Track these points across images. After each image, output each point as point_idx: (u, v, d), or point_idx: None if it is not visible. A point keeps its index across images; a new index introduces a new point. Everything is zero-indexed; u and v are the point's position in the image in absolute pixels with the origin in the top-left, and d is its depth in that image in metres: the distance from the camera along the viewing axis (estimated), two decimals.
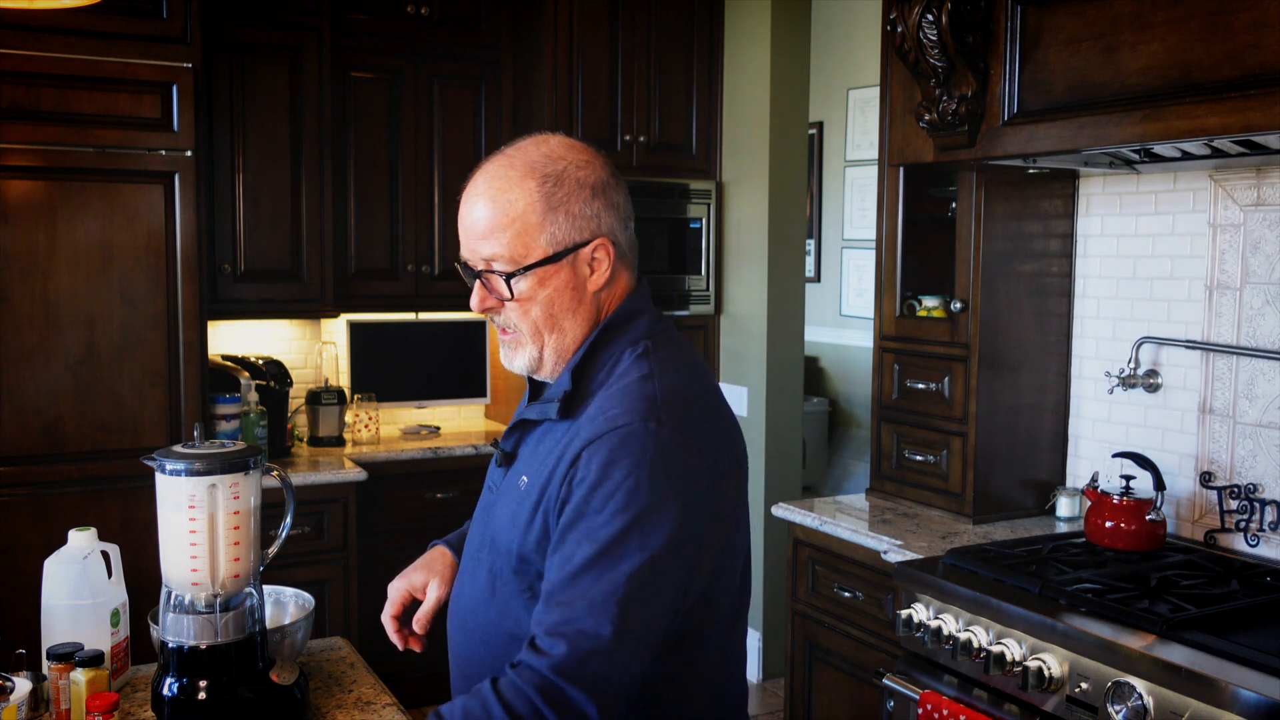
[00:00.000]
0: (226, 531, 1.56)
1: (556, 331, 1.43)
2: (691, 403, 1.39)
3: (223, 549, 1.56)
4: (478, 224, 1.42)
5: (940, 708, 2.20)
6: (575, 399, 1.41)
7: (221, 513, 1.55)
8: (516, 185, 1.40)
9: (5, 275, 3.08)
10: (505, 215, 1.40)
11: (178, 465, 1.54)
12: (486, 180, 1.43)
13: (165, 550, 1.58)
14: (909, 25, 2.51)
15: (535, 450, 1.45)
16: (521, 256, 1.39)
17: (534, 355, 1.44)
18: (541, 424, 1.46)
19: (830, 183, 6.11)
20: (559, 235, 1.40)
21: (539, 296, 1.41)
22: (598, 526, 1.29)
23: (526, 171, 1.41)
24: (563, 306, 1.41)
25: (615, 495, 1.29)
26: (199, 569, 1.55)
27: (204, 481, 1.54)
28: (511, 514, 1.43)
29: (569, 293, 1.41)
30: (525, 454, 1.47)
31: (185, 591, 1.57)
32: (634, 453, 1.30)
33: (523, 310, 1.42)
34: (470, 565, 1.52)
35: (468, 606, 1.50)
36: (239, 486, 1.56)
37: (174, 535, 1.56)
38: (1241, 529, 2.46)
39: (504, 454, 1.50)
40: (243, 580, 1.59)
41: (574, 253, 1.41)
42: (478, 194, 1.43)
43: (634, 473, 1.29)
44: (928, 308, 2.94)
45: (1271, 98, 1.95)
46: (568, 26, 3.97)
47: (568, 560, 1.30)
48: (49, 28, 3.07)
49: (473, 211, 1.44)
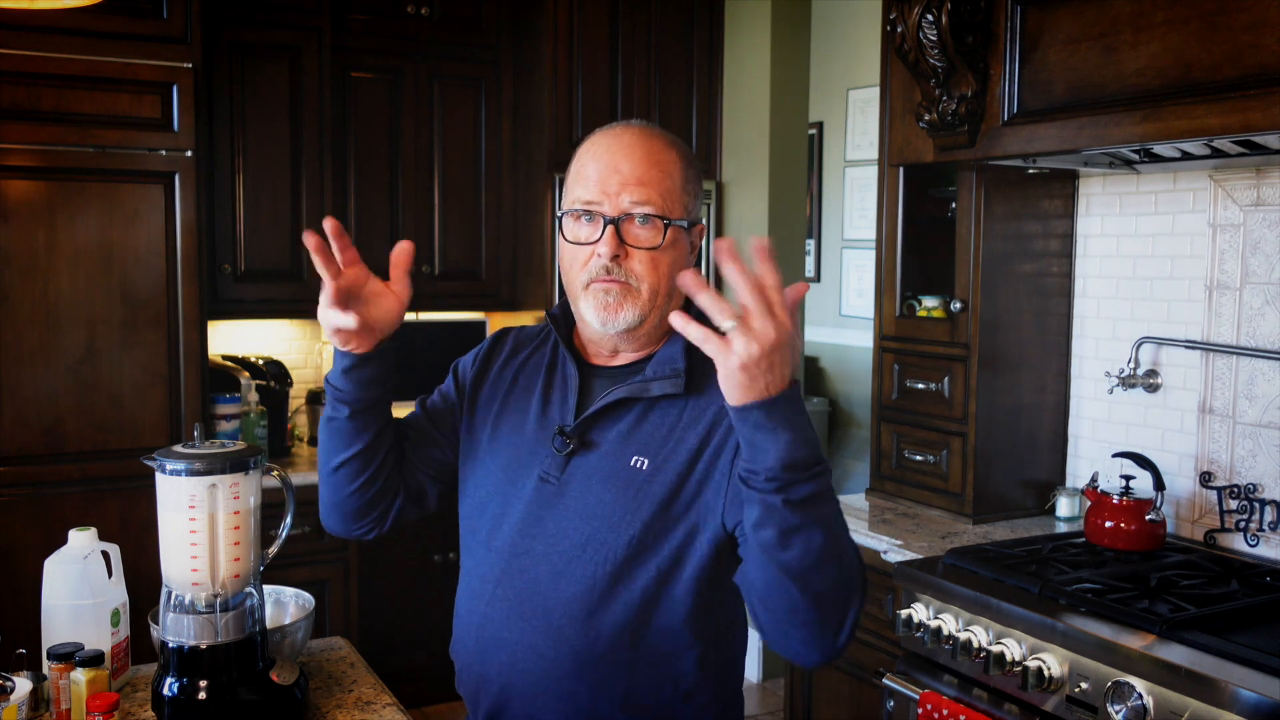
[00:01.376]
0: (227, 531, 1.56)
1: (666, 298, 1.46)
2: None
3: (223, 549, 1.56)
4: (635, 169, 1.44)
5: (940, 708, 2.20)
6: (695, 371, 1.44)
7: (222, 513, 1.55)
8: (669, 149, 1.47)
9: (5, 275, 3.08)
10: (662, 169, 1.45)
11: (178, 465, 1.54)
12: (641, 136, 1.47)
13: (165, 550, 1.58)
14: (909, 25, 2.51)
15: (639, 428, 1.45)
16: (669, 211, 1.44)
17: (642, 313, 1.45)
18: (634, 405, 1.46)
19: (830, 183, 6.11)
20: (691, 208, 1.48)
21: (668, 255, 1.45)
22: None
23: (671, 143, 1.48)
24: (674, 275, 1.44)
25: None
26: (199, 569, 1.55)
27: (204, 481, 1.54)
28: (633, 498, 1.41)
29: (682, 262, 1.47)
30: (616, 435, 1.46)
31: (185, 591, 1.57)
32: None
33: (651, 265, 1.44)
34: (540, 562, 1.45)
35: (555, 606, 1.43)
36: (239, 486, 1.56)
37: (174, 535, 1.56)
38: (1241, 529, 2.46)
39: (579, 442, 1.47)
40: (243, 580, 1.59)
41: (694, 228, 1.50)
42: (633, 145, 1.46)
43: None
44: (928, 308, 2.94)
45: (1271, 98, 1.96)
46: (568, 26, 3.97)
47: None
48: (49, 28, 3.07)
49: (630, 157, 1.45)
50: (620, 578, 1.41)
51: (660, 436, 1.43)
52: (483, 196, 4.16)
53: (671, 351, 1.47)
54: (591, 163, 1.47)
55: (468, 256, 4.15)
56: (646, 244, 1.43)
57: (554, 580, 1.44)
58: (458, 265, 4.14)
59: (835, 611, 1.29)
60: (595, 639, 1.42)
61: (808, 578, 1.26)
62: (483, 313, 4.32)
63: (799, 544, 1.24)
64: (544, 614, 1.44)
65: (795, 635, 1.31)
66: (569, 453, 1.47)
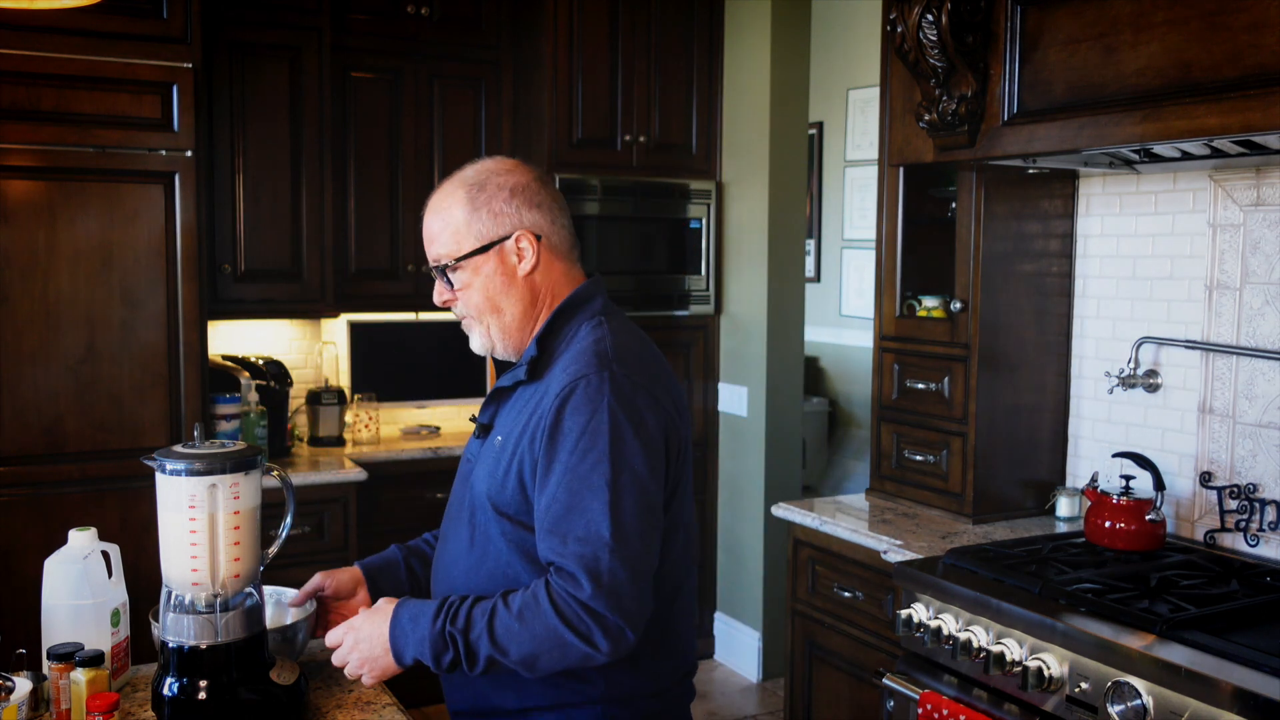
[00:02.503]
0: (227, 531, 1.56)
1: (495, 312, 1.70)
2: (638, 357, 1.65)
3: (223, 549, 1.56)
4: (426, 232, 1.72)
5: (940, 707, 2.20)
6: (540, 363, 1.67)
7: (222, 513, 1.55)
8: (450, 195, 1.70)
9: (5, 275, 3.08)
10: (442, 221, 1.69)
11: (178, 465, 1.54)
12: (434, 197, 1.73)
13: (165, 550, 1.58)
14: (909, 25, 2.51)
15: (508, 414, 1.70)
16: (456, 252, 1.68)
17: (484, 334, 1.72)
18: (513, 391, 1.71)
19: (830, 183, 6.11)
20: (484, 231, 1.68)
21: (475, 284, 1.69)
22: (575, 462, 1.54)
23: (459, 184, 1.71)
24: (497, 290, 1.69)
25: (584, 434, 1.54)
26: (199, 569, 1.55)
27: (204, 481, 1.54)
28: (489, 470, 1.66)
29: (500, 278, 1.68)
30: (500, 421, 1.72)
31: (185, 591, 1.57)
32: (592, 397, 1.56)
33: (465, 297, 1.70)
34: (452, 527, 1.74)
35: (450, 560, 1.72)
36: (239, 486, 1.56)
37: (174, 535, 1.56)
38: (1241, 529, 2.46)
39: (482, 426, 1.75)
40: (243, 580, 1.59)
41: (498, 244, 1.68)
42: (428, 209, 1.73)
43: (596, 412, 1.55)
44: (928, 308, 2.94)
45: (1271, 98, 1.96)
46: (568, 26, 3.97)
47: (554, 497, 1.55)
48: (49, 28, 3.07)
49: (425, 226, 1.73)
50: (482, 528, 1.67)
51: (512, 417, 1.67)
52: None
53: (532, 345, 1.69)
54: None
55: None
56: (448, 290, 1.71)
57: (451, 542, 1.73)
58: None
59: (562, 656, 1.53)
60: (472, 585, 1.66)
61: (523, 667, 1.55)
62: None
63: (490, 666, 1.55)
64: (446, 569, 1.73)
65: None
66: (480, 436, 1.76)
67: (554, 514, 1.54)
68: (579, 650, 1.51)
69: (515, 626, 1.51)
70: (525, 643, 1.51)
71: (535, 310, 1.70)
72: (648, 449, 1.57)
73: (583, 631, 1.50)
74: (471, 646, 1.53)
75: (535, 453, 1.58)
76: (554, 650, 1.51)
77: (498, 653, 1.52)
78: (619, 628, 1.51)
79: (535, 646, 1.51)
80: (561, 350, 1.66)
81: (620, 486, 1.53)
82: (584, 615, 1.50)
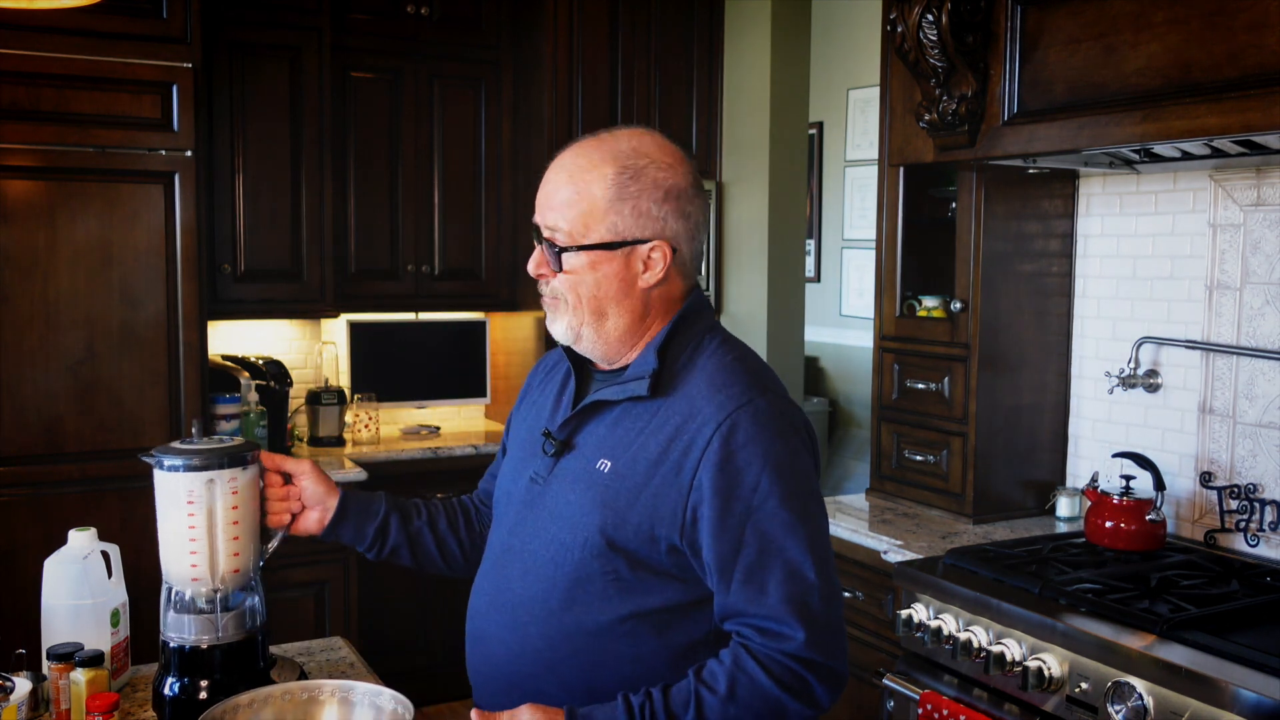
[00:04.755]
0: (225, 526, 1.56)
1: (598, 315, 1.47)
2: (770, 375, 1.50)
3: (222, 544, 1.56)
4: (551, 194, 1.47)
5: (940, 708, 2.20)
6: (663, 378, 1.45)
7: (220, 508, 1.55)
8: (595, 168, 1.45)
9: (5, 275, 3.07)
10: (576, 193, 1.44)
11: (175, 461, 1.54)
12: (572, 155, 1.48)
13: (165, 547, 1.58)
14: (909, 25, 2.51)
15: (612, 433, 1.46)
16: (580, 235, 1.44)
17: (572, 326, 1.48)
18: (616, 406, 1.48)
19: (830, 183, 6.11)
20: (620, 226, 1.44)
21: (586, 279, 1.45)
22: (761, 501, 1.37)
23: (608, 158, 1.45)
24: (608, 293, 1.46)
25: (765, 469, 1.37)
26: (198, 564, 1.55)
27: (202, 477, 1.53)
28: (598, 499, 1.43)
29: (617, 282, 1.46)
30: (593, 439, 1.48)
31: (185, 587, 1.56)
32: (764, 427, 1.39)
33: (570, 285, 1.46)
34: (515, 559, 1.50)
35: (521, 602, 1.47)
36: (237, 481, 1.56)
37: (173, 531, 1.56)
38: (1241, 529, 2.46)
39: (559, 443, 1.50)
40: (243, 575, 1.59)
41: (631, 246, 1.45)
42: (560, 166, 1.48)
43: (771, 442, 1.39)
44: (928, 308, 2.94)
45: (1271, 98, 1.95)
46: (568, 26, 3.97)
47: (743, 541, 1.37)
48: (49, 28, 3.07)
49: (550, 181, 1.48)
50: (578, 579, 1.43)
51: (627, 440, 1.45)
52: (483, 196, 4.16)
53: (646, 355, 1.47)
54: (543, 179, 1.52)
55: (468, 256, 4.15)
56: (550, 266, 1.47)
57: (524, 577, 1.48)
58: (458, 265, 4.14)
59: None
60: (556, 637, 1.44)
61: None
62: (482, 313, 4.32)
63: None
64: (512, 609, 1.48)
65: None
66: (554, 454, 1.51)
67: (746, 561, 1.36)
68: (798, 713, 1.35)
69: (731, 712, 1.32)
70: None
71: (644, 324, 1.49)
72: (813, 472, 1.45)
73: (800, 690, 1.34)
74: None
75: (690, 488, 1.38)
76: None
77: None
78: (833, 672, 1.36)
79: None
80: (684, 365, 1.46)
81: (810, 518, 1.39)
82: (800, 669, 1.34)
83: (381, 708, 1.45)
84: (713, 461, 1.37)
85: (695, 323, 1.50)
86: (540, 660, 1.46)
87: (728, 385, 1.42)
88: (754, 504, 1.36)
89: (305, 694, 1.46)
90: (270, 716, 1.43)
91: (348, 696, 1.46)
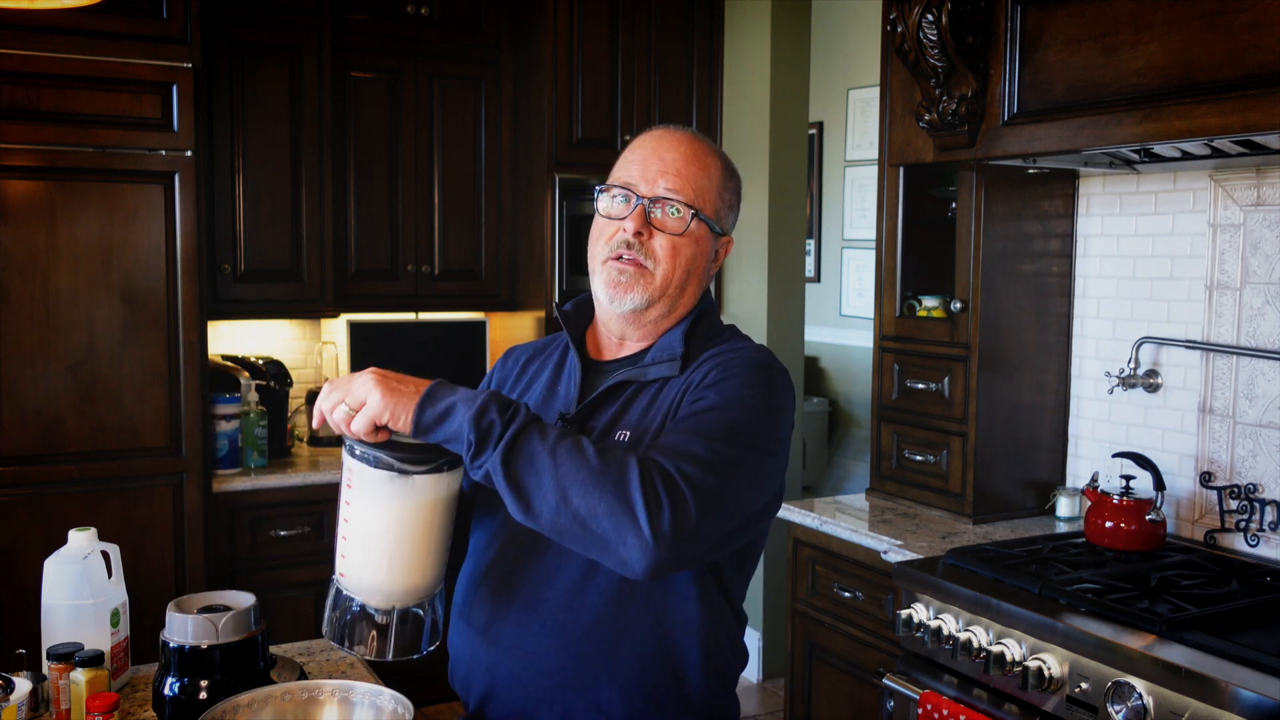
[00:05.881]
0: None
1: (680, 287, 1.53)
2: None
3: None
4: (676, 161, 1.52)
5: (940, 708, 2.20)
6: (689, 359, 1.51)
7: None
8: (713, 155, 1.56)
9: (5, 275, 3.08)
10: (702, 167, 1.53)
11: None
12: (691, 136, 1.56)
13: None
14: (909, 25, 2.51)
15: (628, 411, 1.50)
16: (702, 206, 1.52)
17: (650, 297, 1.51)
18: (629, 389, 1.52)
19: (830, 183, 6.11)
20: (721, 214, 1.56)
21: (690, 249, 1.52)
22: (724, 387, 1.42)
23: (715, 150, 1.57)
24: (695, 270, 1.54)
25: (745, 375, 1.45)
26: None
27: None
28: None
29: (702, 262, 1.55)
30: (606, 418, 1.51)
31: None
32: (761, 365, 1.48)
33: (673, 249, 1.51)
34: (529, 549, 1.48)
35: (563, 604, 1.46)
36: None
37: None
38: (1241, 529, 2.46)
39: (580, 430, 1.49)
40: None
41: (720, 236, 1.57)
42: (681, 140, 1.54)
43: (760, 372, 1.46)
44: (928, 308, 2.94)
45: (1272, 98, 1.96)
46: (568, 26, 3.97)
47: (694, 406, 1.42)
48: (49, 28, 3.07)
49: (674, 149, 1.53)
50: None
51: (641, 411, 1.50)
52: (483, 196, 4.16)
53: (671, 339, 1.53)
54: (639, 149, 1.56)
55: (468, 256, 4.15)
56: (671, 229, 1.50)
57: (541, 562, 1.48)
58: (458, 265, 4.14)
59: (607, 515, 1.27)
60: (579, 612, 1.46)
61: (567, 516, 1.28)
62: (483, 313, 4.32)
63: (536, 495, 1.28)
64: (531, 592, 1.48)
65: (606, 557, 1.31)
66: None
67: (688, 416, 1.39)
68: (626, 522, 1.26)
69: (588, 457, 1.29)
70: (581, 472, 1.27)
71: (685, 310, 1.56)
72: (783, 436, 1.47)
73: (651, 503, 1.26)
74: (524, 431, 1.29)
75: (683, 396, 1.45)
76: (601, 503, 1.26)
77: (546, 456, 1.28)
78: (677, 527, 1.27)
79: (588, 485, 1.27)
80: (704, 350, 1.53)
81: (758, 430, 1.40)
82: (662, 490, 1.27)
83: (381, 708, 1.44)
84: (700, 373, 1.47)
85: (714, 317, 1.60)
86: (563, 636, 1.46)
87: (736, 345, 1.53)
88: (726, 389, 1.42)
89: (305, 694, 1.46)
90: (270, 716, 1.43)
91: (348, 696, 1.46)
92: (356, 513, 1.40)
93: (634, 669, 1.47)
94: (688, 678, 1.50)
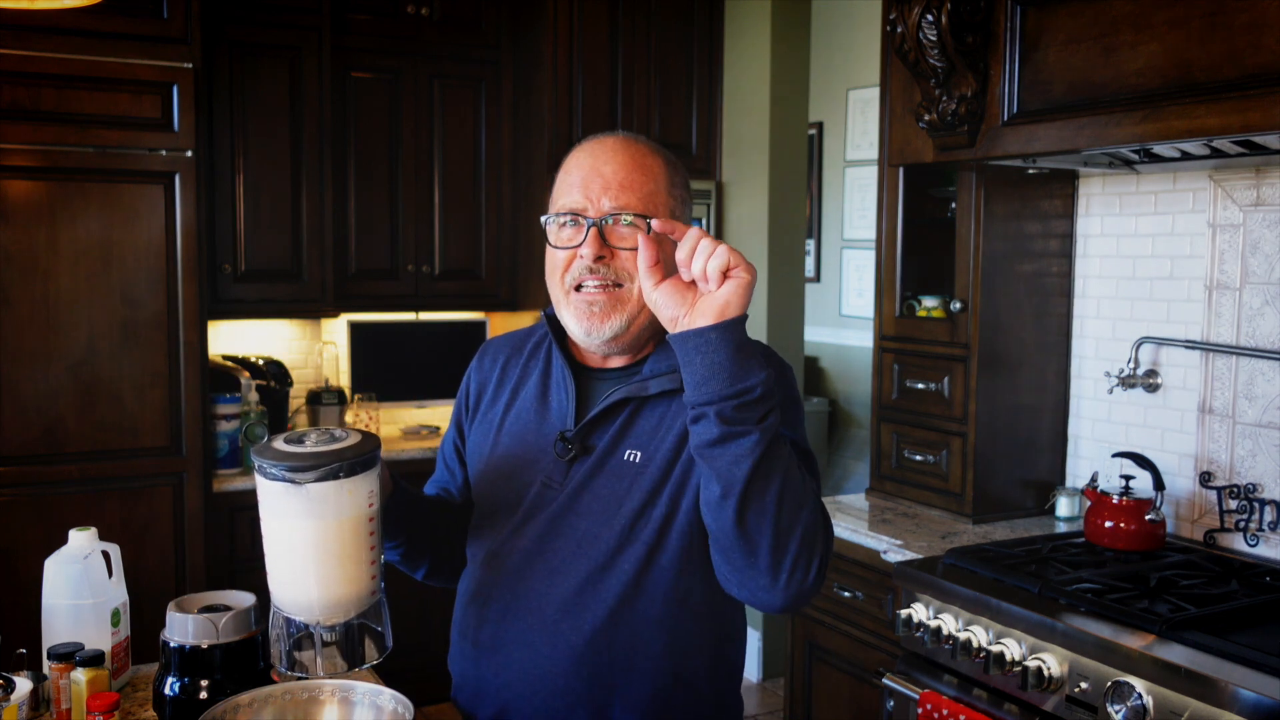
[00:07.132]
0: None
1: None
2: None
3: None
4: (617, 173, 1.45)
5: (940, 707, 2.20)
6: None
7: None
8: (652, 154, 1.49)
9: (5, 275, 3.08)
10: (644, 172, 1.46)
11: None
12: (624, 143, 1.49)
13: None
14: (909, 25, 2.51)
15: (630, 426, 1.47)
16: (652, 213, 1.44)
17: (629, 317, 1.46)
18: (630, 403, 1.48)
19: (830, 183, 6.11)
20: (676, 211, 1.48)
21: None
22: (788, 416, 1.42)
23: (653, 149, 1.50)
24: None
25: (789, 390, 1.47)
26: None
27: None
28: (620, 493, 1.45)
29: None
30: (613, 435, 1.48)
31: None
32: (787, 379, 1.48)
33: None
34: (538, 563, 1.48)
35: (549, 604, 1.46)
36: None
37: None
38: (1241, 529, 2.46)
39: (582, 447, 1.49)
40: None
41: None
42: (615, 149, 1.48)
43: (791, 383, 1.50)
44: (927, 308, 2.94)
45: (1271, 98, 1.96)
46: (568, 26, 3.97)
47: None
48: (49, 28, 3.07)
49: (611, 162, 1.46)
50: (610, 567, 1.44)
51: (650, 429, 1.46)
52: (483, 197, 4.16)
53: (667, 350, 1.47)
54: (575, 170, 1.48)
55: (468, 256, 4.15)
56: (631, 243, 1.42)
57: (549, 578, 1.47)
58: (458, 265, 4.14)
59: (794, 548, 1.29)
60: (588, 629, 1.45)
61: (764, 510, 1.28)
62: (483, 313, 4.32)
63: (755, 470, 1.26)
64: (538, 610, 1.47)
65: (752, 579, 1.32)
66: (570, 458, 1.49)
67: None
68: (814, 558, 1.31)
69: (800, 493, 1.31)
70: (806, 499, 1.32)
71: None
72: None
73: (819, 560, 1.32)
74: (771, 430, 1.28)
75: None
76: (810, 528, 1.30)
77: (786, 459, 1.30)
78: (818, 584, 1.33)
79: (807, 509, 1.31)
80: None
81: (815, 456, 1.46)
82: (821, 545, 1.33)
83: (381, 707, 1.43)
84: None
85: None
86: (572, 654, 1.46)
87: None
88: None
89: (305, 694, 1.46)
90: (270, 716, 1.43)
91: (348, 696, 1.46)
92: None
93: (645, 685, 1.46)
94: (698, 686, 1.50)
